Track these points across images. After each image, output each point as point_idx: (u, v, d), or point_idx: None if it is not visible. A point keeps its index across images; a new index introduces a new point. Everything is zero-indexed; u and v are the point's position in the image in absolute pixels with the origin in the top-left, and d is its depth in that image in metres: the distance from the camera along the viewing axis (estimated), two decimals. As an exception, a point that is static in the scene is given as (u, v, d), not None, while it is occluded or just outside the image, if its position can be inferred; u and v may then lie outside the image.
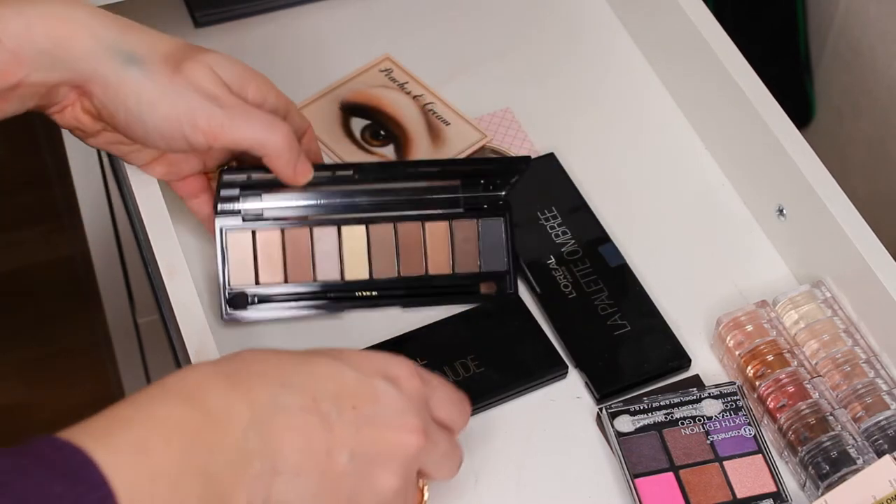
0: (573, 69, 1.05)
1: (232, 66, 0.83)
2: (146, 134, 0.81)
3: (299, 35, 1.07)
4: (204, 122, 0.80)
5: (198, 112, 0.80)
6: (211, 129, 0.80)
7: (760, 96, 0.93)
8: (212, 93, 0.81)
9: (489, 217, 0.92)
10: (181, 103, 0.80)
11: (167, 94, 0.80)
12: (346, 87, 1.03)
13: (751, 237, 0.96)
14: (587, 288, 0.91)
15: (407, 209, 0.91)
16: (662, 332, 0.89)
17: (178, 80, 0.80)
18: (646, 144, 1.01)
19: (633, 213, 0.97)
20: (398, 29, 1.07)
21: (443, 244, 0.91)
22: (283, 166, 0.83)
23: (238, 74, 0.83)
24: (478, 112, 1.01)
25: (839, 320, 0.87)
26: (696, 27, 0.97)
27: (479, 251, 0.92)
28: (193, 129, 0.80)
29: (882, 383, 0.84)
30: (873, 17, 1.25)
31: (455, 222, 0.92)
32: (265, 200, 0.89)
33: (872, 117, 1.30)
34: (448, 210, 0.92)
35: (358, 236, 0.91)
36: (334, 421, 0.68)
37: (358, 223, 0.91)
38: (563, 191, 0.96)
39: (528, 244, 0.93)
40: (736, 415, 0.84)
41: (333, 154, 0.98)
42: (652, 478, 0.82)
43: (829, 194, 0.88)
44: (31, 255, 1.88)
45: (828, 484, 0.80)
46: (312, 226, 0.90)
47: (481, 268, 0.91)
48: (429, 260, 0.91)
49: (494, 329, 0.89)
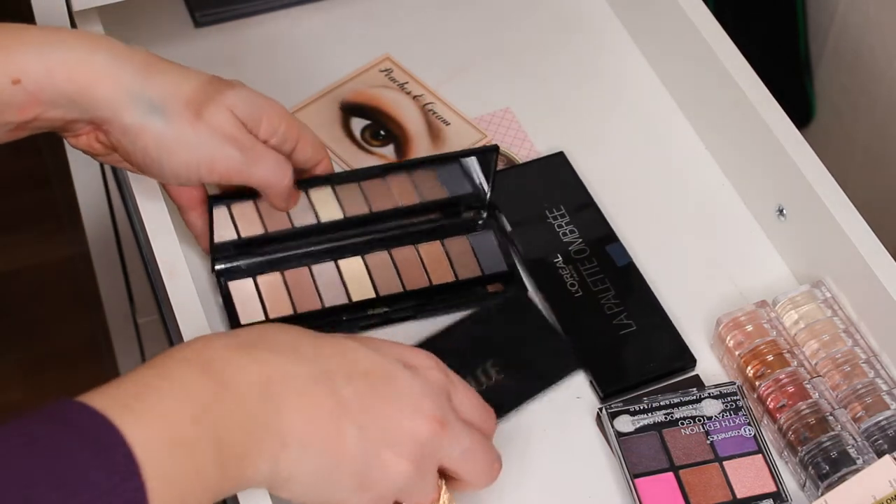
0: (573, 69, 1.05)
1: (249, 102, 0.83)
2: (161, 174, 0.82)
3: (299, 35, 1.07)
4: (222, 166, 0.82)
5: (217, 158, 0.81)
6: (227, 172, 0.82)
7: (760, 96, 0.93)
8: (231, 136, 0.82)
9: (478, 231, 0.93)
10: (202, 150, 0.81)
11: (188, 143, 0.81)
12: (346, 87, 1.03)
13: (751, 237, 0.96)
14: (594, 287, 0.91)
15: (396, 242, 0.93)
16: (668, 331, 0.89)
17: (200, 127, 0.81)
18: (645, 145, 1.01)
19: (631, 213, 0.97)
20: (398, 29, 1.07)
21: (440, 259, 0.93)
22: (279, 202, 0.85)
23: (254, 110, 0.83)
24: (478, 112, 1.01)
25: (839, 320, 0.87)
26: (696, 27, 0.97)
27: (478, 260, 0.93)
28: (210, 172, 0.82)
29: (882, 383, 0.84)
30: (873, 17, 1.25)
31: (447, 241, 0.93)
32: (258, 256, 0.90)
33: (872, 117, 1.30)
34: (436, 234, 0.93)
35: (356, 266, 0.92)
36: (345, 395, 0.69)
37: (353, 255, 0.92)
38: (572, 189, 0.96)
39: (536, 242, 0.93)
40: (736, 415, 0.84)
41: (333, 154, 0.98)
42: (652, 478, 0.82)
43: (829, 194, 0.88)
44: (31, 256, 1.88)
45: (828, 484, 0.80)
46: (310, 264, 0.91)
47: (483, 272, 0.92)
48: (430, 273, 0.92)
49: (507, 328, 0.89)
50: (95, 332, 1.73)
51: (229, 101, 0.82)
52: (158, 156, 0.81)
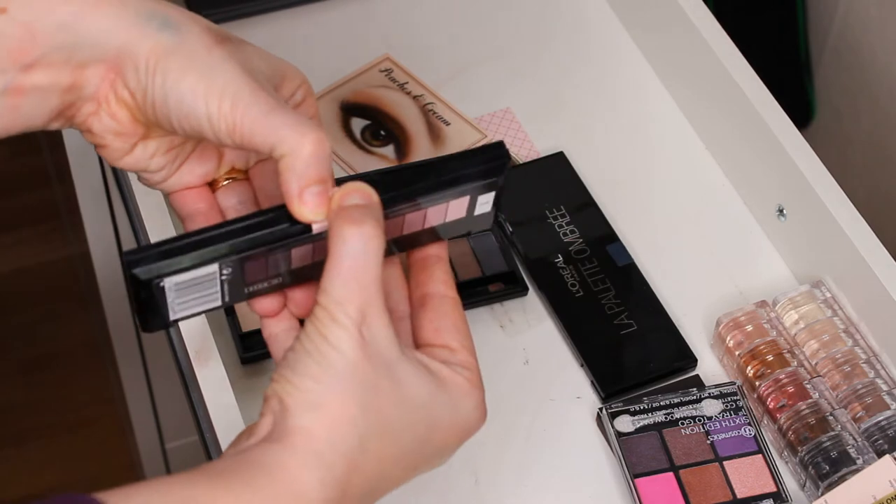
0: (573, 69, 1.05)
1: (270, 56, 0.71)
2: (167, 109, 0.68)
3: (299, 35, 1.07)
4: (240, 104, 0.66)
5: (235, 91, 0.66)
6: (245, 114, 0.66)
7: (760, 96, 0.93)
8: (254, 72, 0.68)
9: (477, 234, 0.92)
10: (218, 79, 0.67)
11: (203, 65, 0.67)
12: (346, 87, 1.03)
13: (751, 237, 0.96)
14: (594, 287, 0.91)
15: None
16: (668, 331, 0.89)
17: (220, 52, 0.67)
18: (645, 145, 1.01)
19: (631, 213, 0.97)
20: (398, 29, 1.07)
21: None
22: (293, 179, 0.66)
23: (277, 65, 0.71)
24: (478, 112, 1.01)
25: (839, 320, 0.87)
26: (697, 27, 0.97)
27: (478, 261, 0.92)
28: (220, 108, 0.66)
29: (882, 383, 0.84)
30: (873, 17, 1.25)
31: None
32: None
33: (872, 117, 1.30)
34: None
35: None
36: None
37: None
38: (572, 189, 0.97)
39: (536, 242, 0.93)
40: (736, 415, 0.84)
41: (334, 154, 0.98)
42: (652, 478, 0.82)
43: (829, 194, 0.88)
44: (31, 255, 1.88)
45: (828, 484, 0.80)
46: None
47: (484, 273, 0.92)
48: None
49: None
50: (95, 332, 1.74)
51: (251, 48, 0.70)
52: (164, 80, 0.67)
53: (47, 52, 0.67)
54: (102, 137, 0.71)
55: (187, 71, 0.66)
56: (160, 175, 0.74)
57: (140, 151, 0.72)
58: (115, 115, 0.70)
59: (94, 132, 0.71)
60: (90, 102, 0.70)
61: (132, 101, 0.69)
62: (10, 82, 0.67)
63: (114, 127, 0.70)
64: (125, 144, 0.71)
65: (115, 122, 0.70)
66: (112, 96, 0.69)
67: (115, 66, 0.68)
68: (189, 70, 0.66)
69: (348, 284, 0.64)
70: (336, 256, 0.64)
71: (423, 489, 0.82)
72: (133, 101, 0.69)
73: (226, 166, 0.75)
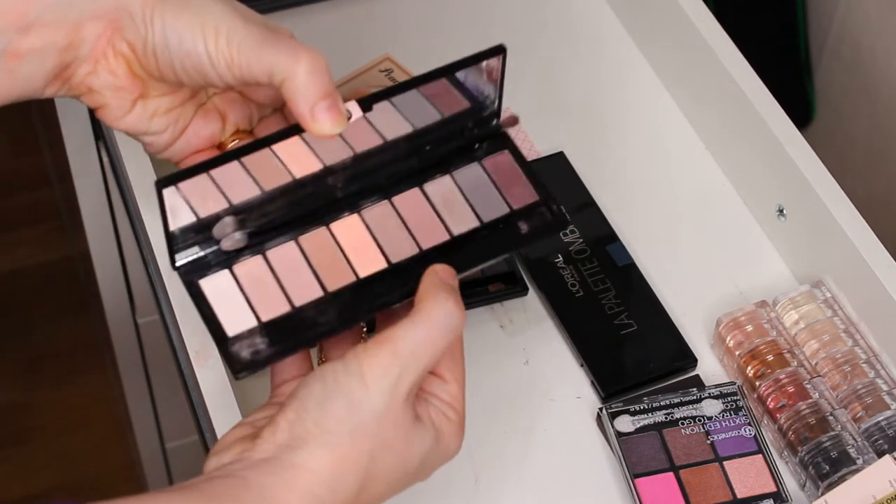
0: (573, 70, 1.05)
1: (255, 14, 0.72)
2: (168, 54, 0.68)
3: (300, 35, 1.06)
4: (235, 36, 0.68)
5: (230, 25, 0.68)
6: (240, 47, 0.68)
7: (760, 96, 0.93)
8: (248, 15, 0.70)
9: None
10: (212, 14, 0.67)
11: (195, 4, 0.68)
12: (346, 87, 1.02)
13: (751, 237, 0.96)
14: (594, 287, 0.91)
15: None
16: (668, 331, 0.89)
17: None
18: (645, 145, 1.01)
19: (631, 213, 0.97)
20: (398, 29, 1.07)
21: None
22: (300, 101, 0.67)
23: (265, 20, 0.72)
24: (478, 112, 1.01)
25: (839, 320, 0.87)
26: (697, 27, 0.97)
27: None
28: (217, 41, 0.67)
29: (882, 383, 0.84)
30: (873, 18, 1.25)
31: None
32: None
33: (872, 117, 1.30)
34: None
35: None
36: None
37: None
38: (572, 189, 0.97)
39: (537, 242, 0.93)
40: (736, 415, 0.84)
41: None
42: (652, 478, 0.82)
43: (829, 194, 0.88)
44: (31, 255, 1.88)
45: (828, 484, 0.80)
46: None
47: (484, 272, 0.91)
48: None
49: None
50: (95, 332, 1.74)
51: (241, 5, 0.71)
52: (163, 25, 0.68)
53: (43, 12, 0.67)
54: (101, 95, 0.71)
55: (183, 11, 0.67)
56: (164, 138, 0.74)
57: (140, 110, 0.72)
58: (113, 70, 0.70)
59: (93, 90, 0.71)
60: (87, 62, 0.70)
61: (131, 54, 0.69)
62: (7, 45, 0.67)
63: (112, 82, 0.70)
64: (124, 102, 0.72)
65: (113, 77, 0.70)
66: (110, 51, 0.69)
67: (112, 21, 0.68)
68: (184, 11, 0.67)
69: (423, 346, 0.65)
70: (426, 316, 0.65)
71: (423, 489, 0.82)
72: (132, 53, 0.69)
73: (230, 128, 0.75)
